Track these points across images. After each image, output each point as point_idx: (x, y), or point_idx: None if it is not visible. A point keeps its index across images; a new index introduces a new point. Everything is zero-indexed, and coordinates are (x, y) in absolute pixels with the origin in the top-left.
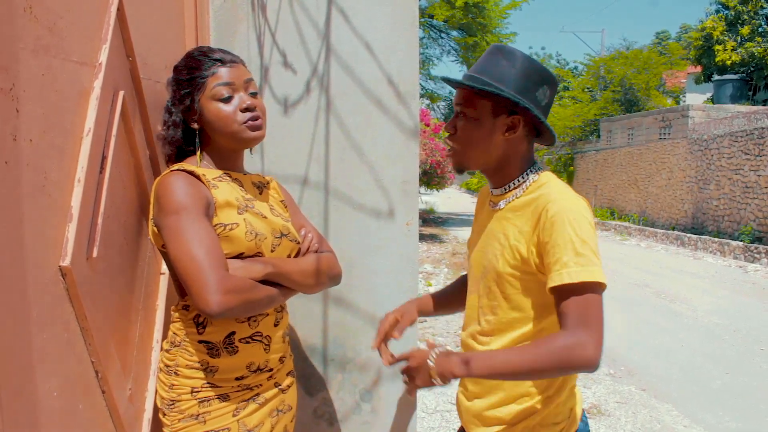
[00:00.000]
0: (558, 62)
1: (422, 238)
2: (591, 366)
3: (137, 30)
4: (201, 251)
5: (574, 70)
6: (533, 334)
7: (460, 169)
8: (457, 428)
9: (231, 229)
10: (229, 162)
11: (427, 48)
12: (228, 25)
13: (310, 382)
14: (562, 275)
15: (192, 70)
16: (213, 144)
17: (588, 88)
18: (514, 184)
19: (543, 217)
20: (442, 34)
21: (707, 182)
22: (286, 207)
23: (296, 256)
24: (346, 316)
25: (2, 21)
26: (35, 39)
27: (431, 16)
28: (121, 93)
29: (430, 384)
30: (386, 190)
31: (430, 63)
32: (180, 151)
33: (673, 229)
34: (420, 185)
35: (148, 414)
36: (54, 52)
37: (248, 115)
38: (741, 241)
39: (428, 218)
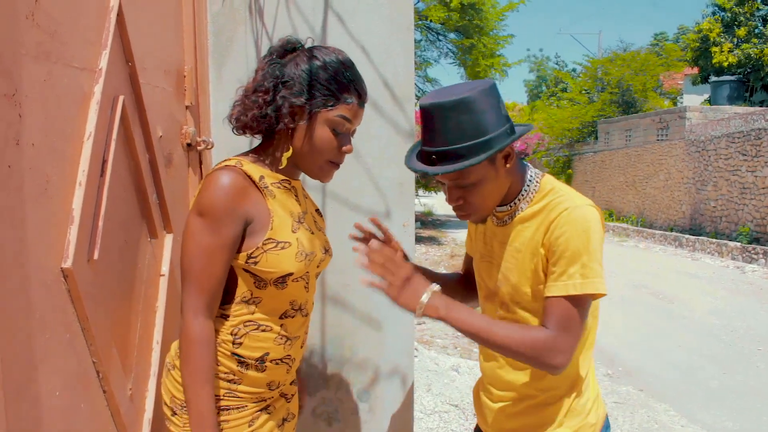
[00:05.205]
0: (557, 64)
1: (420, 240)
2: (556, 371)
3: (136, 35)
4: (200, 265)
5: (573, 72)
6: None
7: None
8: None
9: (282, 248)
10: (293, 170)
11: (424, 50)
12: (226, 30)
13: (309, 381)
14: (568, 287)
15: (335, 82)
16: (290, 148)
17: (585, 90)
18: (519, 198)
19: (553, 224)
20: (440, 37)
21: (705, 183)
22: (321, 216)
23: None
24: (343, 316)
25: (5, 28)
26: (37, 45)
27: (426, 18)
28: (121, 98)
29: (408, 308)
30: (383, 191)
31: (427, 63)
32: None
33: (671, 230)
34: (418, 187)
35: (148, 414)
36: (55, 57)
37: (341, 158)
38: (739, 241)
39: (426, 221)
